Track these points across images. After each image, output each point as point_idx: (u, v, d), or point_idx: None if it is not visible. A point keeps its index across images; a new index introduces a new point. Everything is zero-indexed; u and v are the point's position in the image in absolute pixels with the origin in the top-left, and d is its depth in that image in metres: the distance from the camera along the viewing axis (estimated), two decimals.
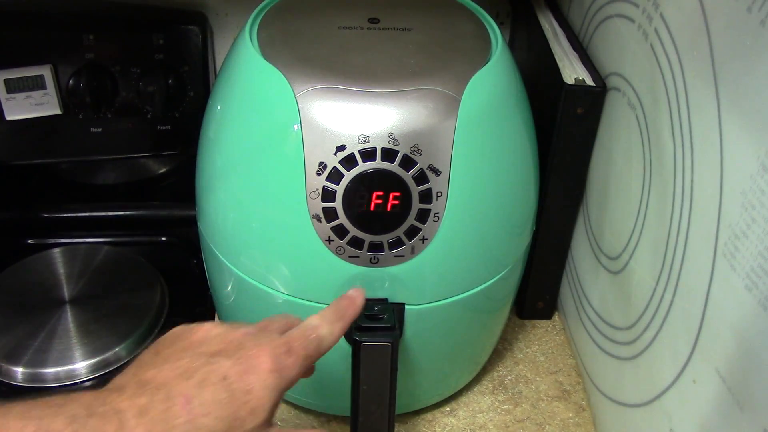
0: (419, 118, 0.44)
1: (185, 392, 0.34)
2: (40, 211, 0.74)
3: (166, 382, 0.35)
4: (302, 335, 0.40)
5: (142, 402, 0.33)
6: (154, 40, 0.64)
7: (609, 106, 0.56)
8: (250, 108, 0.47)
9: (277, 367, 0.37)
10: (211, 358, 0.37)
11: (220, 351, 0.37)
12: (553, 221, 0.63)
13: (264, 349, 0.38)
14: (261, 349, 0.38)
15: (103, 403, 0.33)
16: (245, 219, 0.49)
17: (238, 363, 0.37)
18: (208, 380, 0.35)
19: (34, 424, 0.30)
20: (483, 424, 0.60)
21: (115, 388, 0.34)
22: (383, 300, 0.49)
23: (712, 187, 0.39)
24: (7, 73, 0.62)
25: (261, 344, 0.38)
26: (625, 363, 0.53)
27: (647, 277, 0.49)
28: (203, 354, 0.37)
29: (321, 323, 0.41)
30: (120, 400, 0.33)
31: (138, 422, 0.32)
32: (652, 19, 0.48)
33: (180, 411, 0.34)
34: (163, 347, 0.38)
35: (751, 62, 0.36)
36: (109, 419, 0.32)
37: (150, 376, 0.35)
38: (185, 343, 0.38)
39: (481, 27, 0.52)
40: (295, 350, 0.39)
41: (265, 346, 0.38)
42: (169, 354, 0.37)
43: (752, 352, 0.36)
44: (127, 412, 0.33)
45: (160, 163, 0.77)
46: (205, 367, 0.36)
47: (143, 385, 0.34)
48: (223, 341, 0.38)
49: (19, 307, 0.63)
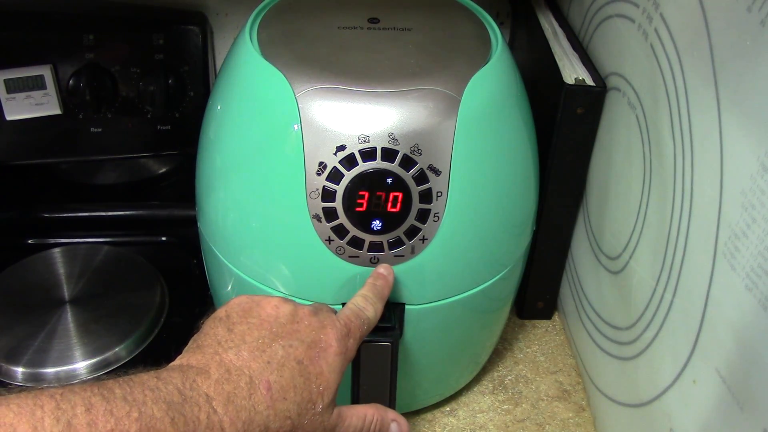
0: (419, 118, 0.44)
1: (266, 378, 0.36)
2: (40, 211, 0.74)
3: (249, 366, 0.37)
4: (356, 317, 0.42)
5: (228, 389, 0.35)
6: (154, 40, 0.64)
7: (609, 106, 0.56)
8: (250, 108, 0.47)
9: (342, 350, 0.40)
10: (286, 341, 0.38)
11: (293, 333, 0.39)
12: (553, 221, 0.63)
13: (331, 333, 0.40)
14: (328, 333, 0.40)
15: (191, 388, 0.34)
16: (245, 219, 0.49)
17: (311, 347, 0.39)
18: (287, 365, 0.37)
19: (138, 410, 0.31)
20: (483, 424, 0.60)
21: (199, 369, 0.36)
22: None
23: (712, 187, 0.39)
24: (7, 73, 0.62)
25: (326, 327, 0.40)
26: (625, 363, 0.53)
27: (647, 277, 0.49)
28: (277, 335, 0.39)
29: (366, 305, 0.43)
30: (207, 385, 0.35)
31: (225, 410, 0.34)
32: (652, 19, 0.48)
33: (263, 398, 0.36)
34: (234, 322, 0.39)
35: (751, 62, 0.36)
36: (201, 406, 0.34)
37: (231, 358, 0.37)
38: (257, 321, 0.39)
39: (481, 27, 0.52)
40: (353, 332, 0.41)
41: (331, 329, 0.40)
42: (244, 332, 0.39)
43: (752, 352, 0.36)
44: (215, 400, 0.34)
45: (160, 163, 0.77)
46: (282, 351, 0.38)
47: (227, 370, 0.36)
48: (293, 320, 0.40)
49: (19, 307, 0.63)
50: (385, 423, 0.44)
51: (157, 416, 0.32)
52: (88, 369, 0.59)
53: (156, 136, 0.68)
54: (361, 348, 0.46)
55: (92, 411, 0.30)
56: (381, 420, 0.43)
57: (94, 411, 0.30)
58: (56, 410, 0.29)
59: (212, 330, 0.39)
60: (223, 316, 0.40)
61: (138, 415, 0.31)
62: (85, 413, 0.30)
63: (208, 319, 0.40)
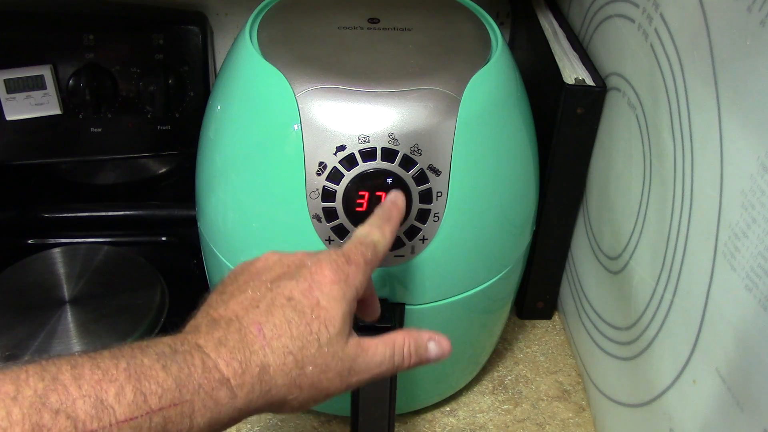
0: (419, 118, 0.44)
1: (256, 319, 0.36)
2: (40, 211, 0.74)
3: (236, 314, 0.36)
4: (357, 243, 0.40)
5: (217, 335, 0.35)
6: (154, 40, 0.64)
7: (609, 106, 0.56)
8: (250, 108, 0.47)
9: (339, 277, 0.38)
10: (274, 283, 0.38)
11: (282, 275, 0.38)
12: (553, 221, 0.63)
13: (323, 264, 0.38)
14: (320, 265, 0.38)
15: (183, 342, 0.34)
16: (245, 219, 0.49)
17: (300, 281, 0.37)
18: (275, 304, 0.37)
19: (125, 361, 0.31)
20: (483, 424, 0.60)
21: (191, 329, 0.36)
22: (383, 300, 0.49)
23: (712, 187, 0.39)
24: (7, 73, 0.62)
25: (321, 260, 0.39)
26: (625, 363, 0.53)
27: (647, 277, 0.49)
28: (265, 281, 0.38)
29: (371, 230, 0.41)
30: (197, 337, 0.35)
31: (218, 353, 0.34)
32: (652, 19, 0.48)
33: (255, 338, 0.35)
34: (226, 285, 0.39)
35: (751, 62, 0.36)
36: (193, 354, 0.33)
37: (220, 313, 0.37)
38: (246, 276, 0.39)
39: (481, 27, 0.52)
40: (353, 258, 0.39)
41: (325, 261, 0.38)
42: (234, 290, 0.38)
43: (752, 352, 0.36)
44: (206, 347, 0.34)
45: (160, 163, 0.77)
46: (270, 293, 0.37)
47: (215, 322, 0.36)
48: (282, 265, 0.39)
49: (19, 307, 0.63)
50: (421, 344, 0.40)
51: (146, 364, 0.31)
52: None
53: (156, 136, 0.68)
54: None
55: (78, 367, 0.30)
56: (415, 342, 0.40)
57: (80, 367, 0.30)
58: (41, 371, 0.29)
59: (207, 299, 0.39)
60: (218, 285, 0.40)
61: (126, 365, 0.31)
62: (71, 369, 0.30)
63: None
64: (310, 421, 0.60)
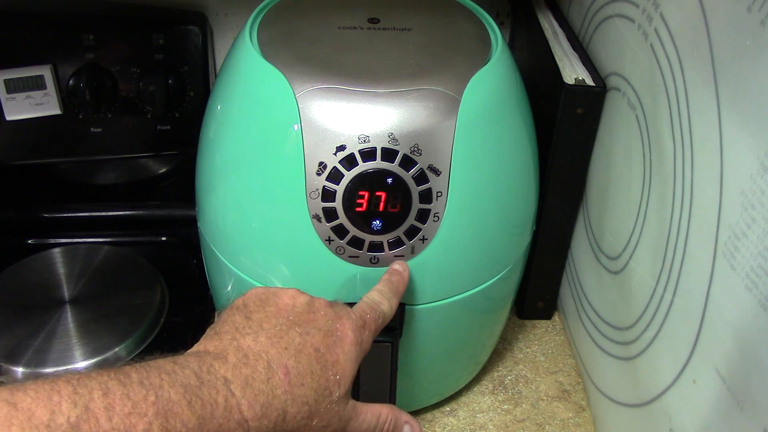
0: (419, 118, 0.44)
1: (284, 363, 0.37)
2: (40, 211, 0.74)
3: (267, 352, 0.37)
4: (371, 310, 0.42)
5: (246, 373, 0.35)
6: (154, 40, 0.64)
7: (609, 106, 0.56)
8: (250, 108, 0.47)
9: (357, 340, 0.40)
10: (302, 328, 0.39)
11: (310, 321, 0.39)
12: (553, 221, 0.63)
13: (347, 323, 0.40)
14: (344, 323, 0.40)
15: (209, 372, 0.34)
16: (245, 219, 0.49)
17: (328, 336, 0.39)
18: (304, 351, 0.37)
19: (154, 394, 0.32)
20: (483, 424, 0.60)
21: (216, 354, 0.36)
22: None
23: (712, 187, 0.39)
24: (7, 73, 0.62)
25: (342, 317, 0.40)
26: (625, 363, 0.53)
27: (647, 277, 0.49)
28: (292, 323, 0.39)
29: (381, 299, 0.43)
30: (224, 369, 0.35)
31: (243, 393, 0.35)
32: (652, 19, 0.48)
33: (281, 382, 0.36)
34: (252, 310, 0.39)
35: (751, 62, 0.36)
36: (219, 389, 0.34)
37: (249, 343, 0.37)
38: (274, 309, 0.40)
39: (481, 27, 0.52)
40: (368, 324, 0.41)
41: (347, 320, 0.40)
42: (262, 319, 0.39)
43: (752, 352, 0.36)
44: (233, 383, 0.35)
45: (160, 163, 0.77)
46: (299, 338, 0.38)
47: (245, 354, 0.36)
48: (309, 310, 0.40)
49: (19, 307, 0.63)
50: (399, 424, 0.43)
51: (174, 399, 0.32)
52: (88, 369, 0.58)
53: (156, 136, 0.68)
54: None
55: (109, 395, 0.30)
56: (395, 420, 0.43)
57: (111, 395, 0.30)
58: (73, 395, 0.30)
59: (230, 318, 0.39)
60: (241, 305, 0.40)
61: (155, 399, 0.31)
62: (103, 397, 0.30)
63: (225, 308, 0.41)
64: None
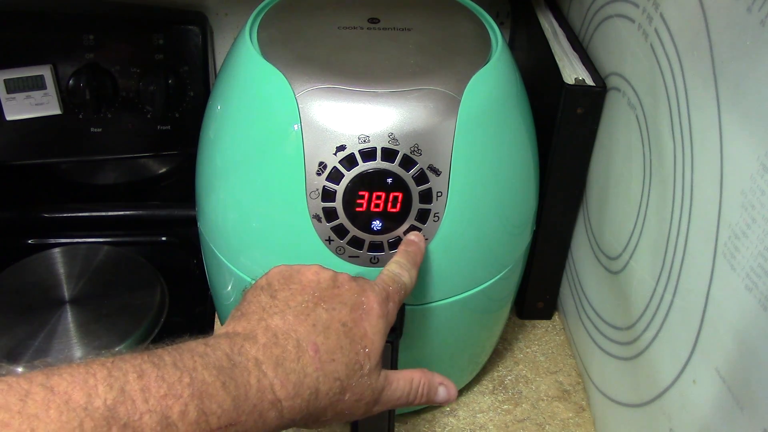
0: (419, 118, 0.44)
1: (313, 340, 0.37)
2: (40, 211, 0.74)
3: (295, 330, 0.37)
4: (393, 282, 0.42)
5: (276, 353, 0.35)
6: (154, 40, 0.64)
7: (609, 106, 0.56)
8: (250, 108, 0.47)
9: (383, 312, 0.40)
10: (328, 303, 0.39)
11: (335, 296, 0.39)
12: (553, 221, 0.63)
13: (372, 296, 0.40)
14: (369, 296, 0.40)
15: (240, 353, 0.35)
16: (245, 219, 0.49)
17: (354, 310, 0.39)
18: (332, 327, 0.38)
19: (189, 375, 0.32)
20: (483, 424, 0.60)
21: (246, 335, 0.36)
22: None
23: (712, 187, 0.39)
24: (7, 73, 0.62)
25: (366, 290, 0.40)
26: (625, 363, 0.53)
27: (647, 277, 0.49)
28: (321, 299, 0.39)
29: (402, 271, 0.43)
30: (255, 349, 0.35)
31: (276, 373, 0.35)
32: (652, 19, 0.48)
33: (311, 360, 0.36)
34: (276, 289, 0.40)
35: (751, 62, 0.36)
36: (251, 370, 0.34)
37: (277, 323, 0.37)
38: (298, 286, 0.40)
39: (481, 27, 0.52)
40: (391, 296, 0.41)
41: (371, 293, 0.40)
42: (287, 297, 0.39)
43: (752, 352, 0.36)
44: (264, 364, 0.35)
45: (160, 163, 0.77)
46: (326, 314, 0.38)
47: (274, 334, 0.36)
48: (334, 285, 0.40)
49: (19, 307, 0.63)
50: (433, 386, 0.43)
51: (208, 381, 0.32)
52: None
53: (156, 136, 0.68)
54: None
55: (144, 377, 0.31)
56: (429, 383, 0.43)
57: (146, 377, 0.31)
58: (108, 377, 0.30)
59: (255, 298, 0.39)
60: (264, 284, 0.40)
61: (189, 380, 0.31)
62: (138, 380, 0.30)
63: (249, 288, 0.41)
64: None
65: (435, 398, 0.43)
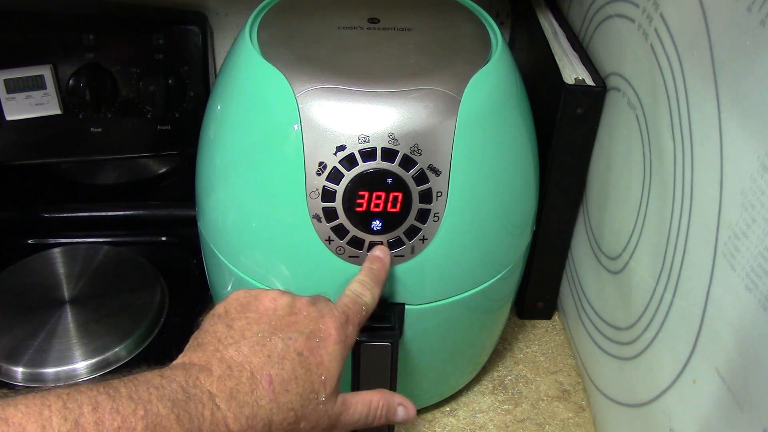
0: (419, 118, 0.44)
1: (268, 371, 0.37)
2: (40, 211, 0.74)
3: (249, 362, 0.37)
4: (354, 303, 0.42)
5: (230, 385, 0.36)
6: (154, 40, 0.64)
7: (609, 106, 0.56)
8: (250, 108, 0.47)
9: (341, 338, 0.40)
10: (284, 333, 0.39)
11: (292, 325, 0.39)
12: (553, 221, 0.63)
13: (329, 322, 0.40)
14: (327, 322, 0.40)
15: (195, 385, 0.35)
16: (245, 219, 0.49)
17: (310, 338, 0.39)
18: (287, 357, 0.38)
19: (143, 408, 0.32)
20: (483, 424, 0.60)
21: (201, 367, 0.36)
22: (383, 300, 0.49)
23: (712, 187, 0.39)
24: (7, 73, 0.62)
25: (324, 316, 0.40)
26: (625, 363, 0.53)
27: (647, 277, 0.49)
28: (277, 328, 0.39)
29: (363, 291, 0.43)
30: (209, 382, 0.35)
31: (229, 406, 0.35)
32: (652, 19, 0.48)
33: (265, 391, 0.36)
34: (233, 318, 0.40)
35: (751, 62, 0.36)
36: (205, 403, 0.34)
37: (232, 354, 0.37)
38: (255, 315, 0.40)
39: (481, 27, 0.52)
40: (351, 319, 0.41)
41: (329, 318, 0.40)
42: (244, 327, 0.39)
43: (752, 352, 0.36)
44: (218, 396, 0.35)
45: (160, 163, 0.77)
46: (281, 344, 0.38)
47: (229, 366, 0.36)
48: (291, 312, 0.40)
49: (19, 307, 0.63)
50: (392, 407, 0.43)
51: (162, 414, 0.32)
52: (88, 369, 0.59)
53: (156, 136, 0.68)
54: (361, 348, 0.46)
55: (99, 410, 0.31)
56: (387, 404, 0.43)
57: (101, 409, 0.31)
58: (63, 409, 0.30)
59: (212, 327, 0.39)
60: (222, 312, 0.40)
61: (144, 413, 0.32)
62: (92, 412, 0.30)
63: (207, 315, 0.41)
64: None
65: (394, 418, 0.44)
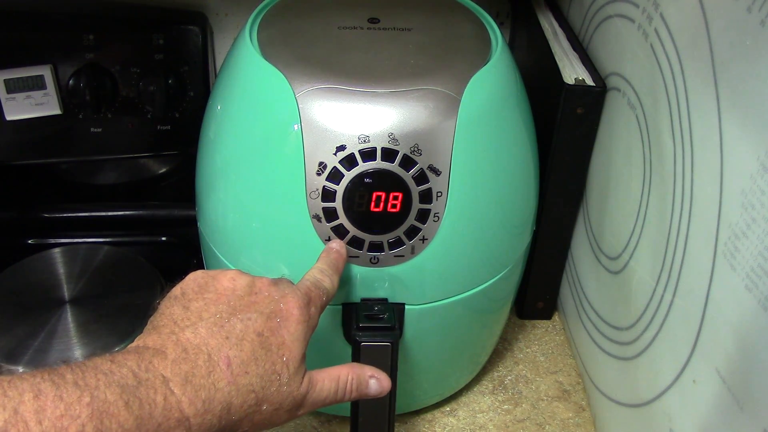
0: (419, 118, 0.44)
1: (226, 353, 0.35)
2: (40, 211, 0.74)
3: (206, 344, 0.36)
4: (315, 287, 0.41)
5: (185, 369, 0.34)
6: (154, 40, 0.64)
7: (609, 106, 0.56)
8: (250, 108, 0.47)
9: (304, 318, 0.39)
10: (243, 314, 0.37)
11: (251, 305, 0.38)
12: (553, 221, 0.63)
13: (291, 302, 0.39)
14: (289, 302, 0.39)
15: (147, 370, 0.33)
16: (245, 219, 0.49)
17: (271, 318, 0.38)
18: (246, 338, 0.36)
19: (89, 394, 0.30)
20: (483, 424, 0.60)
21: (156, 350, 0.35)
22: (383, 300, 0.49)
23: (712, 187, 0.39)
24: (7, 73, 0.62)
25: (287, 296, 0.39)
26: (625, 363, 0.53)
27: (647, 277, 0.49)
28: (234, 309, 0.38)
29: (323, 277, 0.42)
30: (163, 366, 0.34)
31: (183, 391, 0.33)
32: (652, 19, 0.48)
33: (222, 374, 0.35)
34: (190, 299, 0.38)
35: (751, 62, 0.36)
36: (157, 388, 0.33)
37: (188, 337, 0.36)
38: (213, 295, 0.38)
39: (481, 27, 0.52)
40: (314, 300, 0.40)
41: (291, 298, 0.39)
42: (201, 308, 0.37)
43: (752, 352, 0.36)
44: (171, 381, 0.33)
45: (160, 163, 0.77)
46: (240, 324, 0.37)
47: (184, 349, 0.35)
48: (250, 292, 0.39)
49: (19, 307, 0.63)
50: (363, 380, 0.41)
51: (110, 400, 0.30)
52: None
53: (156, 136, 0.68)
54: (361, 348, 0.46)
55: (41, 397, 0.29)
56: (357, 378, 0.41)
57: (43, 397, 0.29)
58: (2, 397, 0.28)
59: (168, 309, 0.38)
60: (179, 294, 0.39)
61: (89, 400, 0.30)
62: (33, 400, 0.29)
63: (164, 298, 0.39)
64: (309, 421, 0.60)
65: (367, 391, 0.42)
